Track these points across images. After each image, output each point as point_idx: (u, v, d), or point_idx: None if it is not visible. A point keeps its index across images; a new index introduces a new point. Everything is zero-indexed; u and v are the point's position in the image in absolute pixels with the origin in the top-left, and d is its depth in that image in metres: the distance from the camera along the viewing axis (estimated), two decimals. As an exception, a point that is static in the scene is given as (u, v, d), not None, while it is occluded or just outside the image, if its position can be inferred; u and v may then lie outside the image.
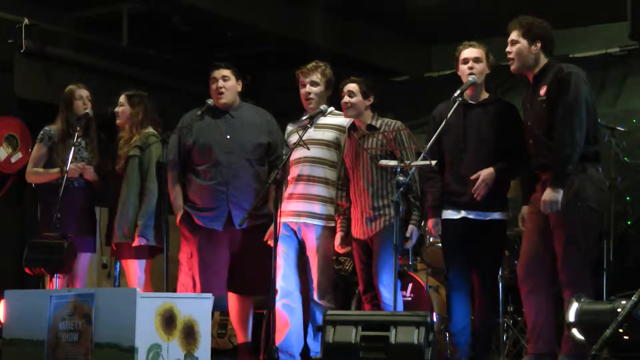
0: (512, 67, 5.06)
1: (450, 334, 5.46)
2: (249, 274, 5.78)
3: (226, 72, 5.84)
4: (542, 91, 4.94)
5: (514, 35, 5.03)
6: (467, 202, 5.28)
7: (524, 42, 5.00)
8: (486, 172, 5.23)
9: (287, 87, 5.80)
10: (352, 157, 5.56)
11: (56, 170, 6.10)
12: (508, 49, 5.05)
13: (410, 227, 5.42)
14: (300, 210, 5.63)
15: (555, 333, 5.02)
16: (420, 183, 5.47)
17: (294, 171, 5.69)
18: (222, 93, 5.80)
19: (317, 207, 5.64)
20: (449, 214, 5.35)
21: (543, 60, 5.02)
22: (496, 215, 5.30)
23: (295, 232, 5.69)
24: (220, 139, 5.78)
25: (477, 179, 5.23)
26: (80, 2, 8.05)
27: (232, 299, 5.91)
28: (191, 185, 5.81)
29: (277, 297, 5.56)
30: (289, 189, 5.69)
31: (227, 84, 5.82)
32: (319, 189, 5.64)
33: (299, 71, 5.73)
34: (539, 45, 4.99)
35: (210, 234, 5.73)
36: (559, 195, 4.82)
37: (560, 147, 4.83)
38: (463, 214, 5.31)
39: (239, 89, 5.90)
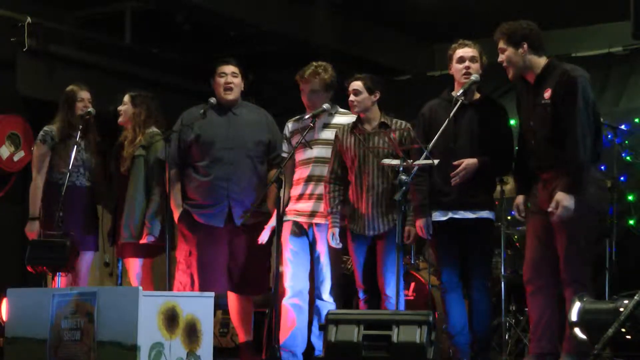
0: (509, 76, 5.07)
1: (449, 336, 5.45)
2: (249, 274, 5.78)
3: (235, 69, 5.87)
4: (547, 94, 4.91)
5: (500, 44, 5.05)
6: (454, 202, 5.27)
7: (510, 49, 5.00)
8: (469, 161, 5.23)
9: (289, 86, 5.80)
10: (356, 155, 5.56)
11: (34, 213, 6.09)
12: (499, 58, 5.06)
13: (407, 228, 5.41)
14: (313, 210, 5.63)
15: (557, 333, 5.02)
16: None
17: (303, 171, 5.68)
18: (230, 89, 5.82)
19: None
20: (437, 216, 5.33)
21: (538, 60, 5.00)
22: (483, 214, 5.30)
23: (306, 231, 5.68)
24: (221, 135, 5.78)
25: (459, 165, 5.23)
26: (83, 0, 8.06)
27: (232, 299, 5.91)
28: (191, 182, 5.80)
29: (287, 296, 5.59)
30: (299, 189, 5.68)
31: (236, 80, 5.85)
32: None
33: (298, 75, 5.73)
34: (525, 46, 4.98)
35: (209, 232, 5.73)
36: (573, 201, 4.80)
37: (575, 154, 4.80)
38: (450, 215, 5.30)
39: (243, 87, 5.92)
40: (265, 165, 5.85)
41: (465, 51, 5.34)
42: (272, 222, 5.63)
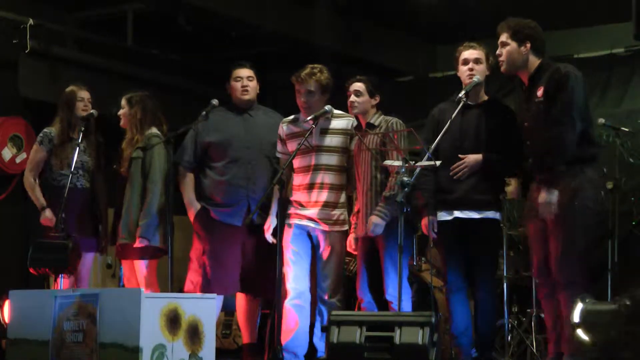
0: (502, 69, 5.08)
1: (452, 336, 5.45)
2: (261, 274, 5.80)
3: (251, 72, 5.96)
4: (540, 92, 4.93)
5: (503, 37, 5.04)
6: (459, 199, 5.28)
7: (513, 44, 5.00)
8: (473, 156, 5.25)
9: (290, 88, 5.81)
10: (357, 156, 5.59)
11: (41, 203, 6.12)
12: (498, 51, 5.06)
13: (372, 217, 5.39)
14: (314, 217, 5.63)
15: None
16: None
17: (303, 179, 5.67)
18: (247, 91, 5.90)
19: (330, 213, 5.62)
20: (442, 216, 5.34)
21: (535, 60, 5.01)
22: (489, 214, 5.30)
23: (308, 234, 5.69)
24: (238, 135, 5.85)
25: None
26: (85, 2, 8.06)
27: (241, 299, 5.94)
28: (209, 182, 5.86)
29: (289, 297, 5.59)
30: (300, 196, 5.67)
31: (252, 83, 5.95)
32: (330, 195, 5.63)
33: (294, 77, 5.73)
34: (528, 45, 4.99)
35: (225, 231, 5.78)
36: (553, 196, 4.82)
37: (553, 147, 4.83)
38: (456, 214, 5.30)
39: (258, 90, 5.99)
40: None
41: (470, 53, 5.34)
42: (271, 221, 5.67)
